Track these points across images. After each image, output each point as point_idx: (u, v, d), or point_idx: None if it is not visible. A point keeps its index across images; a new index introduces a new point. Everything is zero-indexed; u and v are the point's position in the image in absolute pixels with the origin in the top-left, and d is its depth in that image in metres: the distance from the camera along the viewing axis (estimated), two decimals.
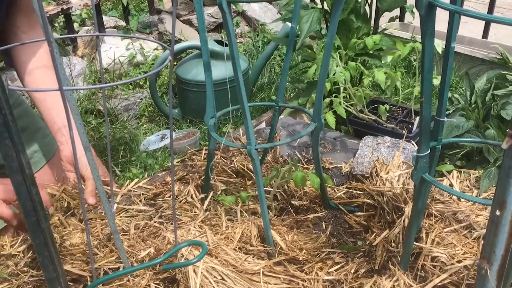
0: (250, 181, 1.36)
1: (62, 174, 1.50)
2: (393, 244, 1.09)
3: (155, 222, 1.14)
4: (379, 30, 1.90)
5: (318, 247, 1.14)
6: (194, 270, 0.95)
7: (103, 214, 1.18)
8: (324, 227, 1.21)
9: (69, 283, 0.98)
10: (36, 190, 0.57)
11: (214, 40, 2.24)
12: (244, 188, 1.33)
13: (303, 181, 1.19)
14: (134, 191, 1.30)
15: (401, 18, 2.92)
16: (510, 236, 0.62)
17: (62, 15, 2.58)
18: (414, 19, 2.26)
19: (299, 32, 1.62)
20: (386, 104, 1.59)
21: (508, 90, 1.34)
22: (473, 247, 1.05)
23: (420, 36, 0.75)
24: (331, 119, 1.46)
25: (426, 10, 0.68)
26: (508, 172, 0.58)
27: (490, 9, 2.65)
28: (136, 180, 1.35)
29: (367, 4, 1.77)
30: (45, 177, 1.40)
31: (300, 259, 1.08)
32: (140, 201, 1.26)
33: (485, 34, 2.67)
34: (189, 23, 3.22)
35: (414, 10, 1.67)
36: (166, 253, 0.66)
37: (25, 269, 1.00)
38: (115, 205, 1.22)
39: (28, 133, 1.46)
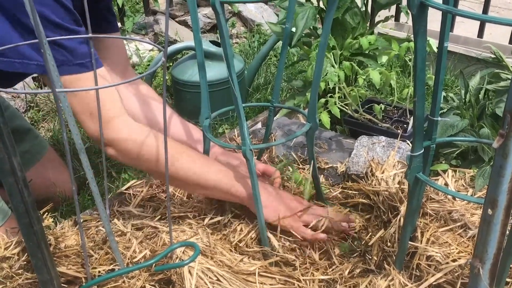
0: None
1: (54, 174, 1.50)
2: (388, 244, 1.09)
3: (150, 223, 1.13)
4: (374, 30, 1.90)
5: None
6: (189, 271, 0.95)
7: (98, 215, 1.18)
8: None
9: (64, 285, 0.98)
10: (29, 192, 0.57)
11: (210, 41, 2.23)
12: None
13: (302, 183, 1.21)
14: (129, 192, 1.30)
15: (397, 17, 2.92)
16: (502, 235, 0.62)
17: None
18: (408, 20, 2.26)
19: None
20: (381, 104, 1.60)
21: (499, 85, 1.35)
22: (468, 246, 1.05)
23: None
24: (325, 119, 1.46)
25: (418, 10, 0.68)
26: (499, 171, 0.58)
27: (485, 9, 2.65)
28: (132, 182, 1.35)
29: (363, 4, 1.77)
30: (36, 178, 1.41)
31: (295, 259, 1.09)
32: (136, 202, 1.25)
33: (481, 33, 2.68)
34: (184, 23, 3.22)
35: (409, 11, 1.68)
36: (160, 254, 0.66)
37: (20, 271, 1.00)
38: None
39: (18, 134, 1.47)
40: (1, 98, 1.48)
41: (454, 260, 1.00)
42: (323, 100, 1.49)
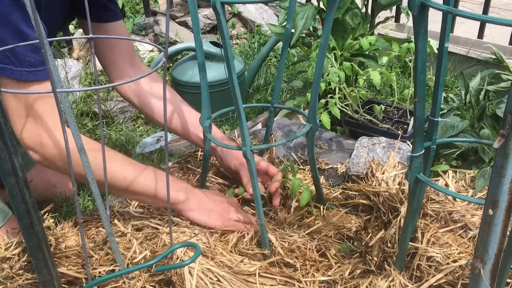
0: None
1: (54, 175, 1.50)
2: (389, 245, 1.09)
3: (151, 224, 1.13)
4: (375, 31, 1.90)
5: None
6: (189, 272, 0.95)
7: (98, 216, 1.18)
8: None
9: (64, 285, 0.98)
10: (29, 192, 0.57)
11: (210, 42, 2.23)
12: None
13: (299, 190, 1.21)
14: None
15: (397, 18, 2.93)
16: (503, 236, 0.62)
17: None
18: (408, 20, 2.26)
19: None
20: (381, 105, 1.60)
21: (500, 86, 1.35)
22: (468, 247, 1.05)
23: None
24: (326, 119, 1.46)
25: (419, 11, 0.68)
26: (500, 171, 0.58)
27: (485, 9, 2.66)
28: None
29: (363, 5, 1.77)
30: (36, 179, 1.40)
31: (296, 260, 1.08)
32: (136, 203, 1.25)
33: (481, 34, 2.68)
34: (184, 24, 3.22)
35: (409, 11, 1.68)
36: (160, 254, 0.66)
37: (20, 272, 1.00)
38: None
39: None
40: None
41: (454, 261, 1.00)
42: (323, 100, 1.49)
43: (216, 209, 1.14)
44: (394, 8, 2.78)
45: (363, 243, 1.15)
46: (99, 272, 1.00)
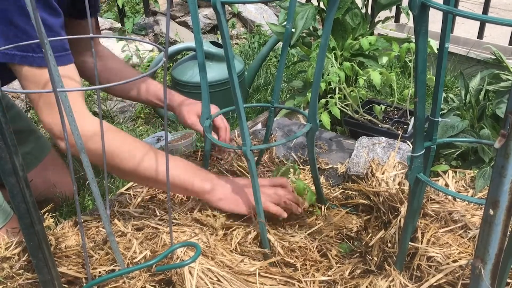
0: None
1: (55, 175, 1.50)
2: (389, 245, 1.09)
3: (151, 224, 1.13)
4: (374, 31, 1.90)
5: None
6: (190, 272, 0.95)
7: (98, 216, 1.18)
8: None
9: (64, 285, 0.98)
10: (30, 192, 0.57)
11: (210, 42, 2.23)
12: None
13: (303, 192, 1.21)
14: (129, 193, 1.30)
15: (397, 18, 2.93)
16: (503, 235, 0.62)
17: None
18: (408, 21, 2.27)
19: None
20: (381, 105, 1.60)
21: (500, 86, 1.35)
22: (468, 247, 1.05)
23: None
24: (326, 119, 1.46)
25: (419, 10, 0.68)
26: (500, 171, 0.58)
27: (485, 10, 2.66)
28: (132, 182, 1.34)
29: (363, 5, 1.77)
30: (37, 179, 1.40)
31: (296, 260, 1.08)
32: (136, 203, 1.25)
33: (480, 34, 2.68)
34: (184, 24, 3.22)
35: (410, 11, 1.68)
36: (161, 254, 0.66)
37: (20, 271, 1.00)
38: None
39: (22, 136, 1.46)
40: (6, 97, 1.47)
41: (454, 261, 1.00)
42: (323, 100, 1.49)
43: (243, 196, 1.15)
44: (394, 8, 2.79)
45: (363, 243, 1.15)
46: (99, 272, 1.00)
